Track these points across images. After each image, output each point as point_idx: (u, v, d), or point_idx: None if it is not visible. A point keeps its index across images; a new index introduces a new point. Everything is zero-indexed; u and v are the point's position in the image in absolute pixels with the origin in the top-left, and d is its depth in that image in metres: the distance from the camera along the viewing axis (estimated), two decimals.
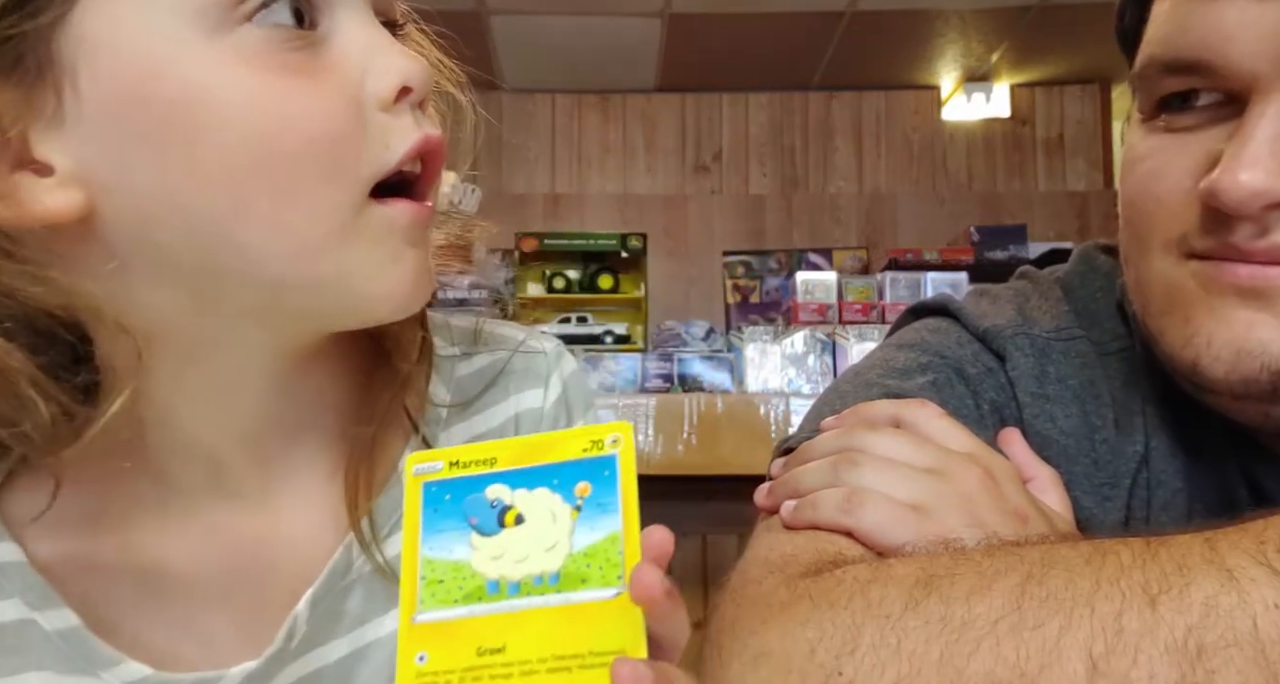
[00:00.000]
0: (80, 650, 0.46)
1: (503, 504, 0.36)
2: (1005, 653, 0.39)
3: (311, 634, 0.49)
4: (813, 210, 4.60)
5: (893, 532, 0.49)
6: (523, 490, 0.36)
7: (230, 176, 0.40)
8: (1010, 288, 0.69)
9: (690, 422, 1.72)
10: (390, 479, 0.52)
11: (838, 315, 2.73)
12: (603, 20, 3.95)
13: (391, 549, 0.51)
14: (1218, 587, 0.38)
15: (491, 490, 0.36)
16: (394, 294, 0.44)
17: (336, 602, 0.50)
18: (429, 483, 0.37)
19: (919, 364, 0.62)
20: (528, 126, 4.67)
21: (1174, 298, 0.52)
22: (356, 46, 0.43)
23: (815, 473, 0.54)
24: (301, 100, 0.41)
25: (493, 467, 0.37)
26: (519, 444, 0.37)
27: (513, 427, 0.56)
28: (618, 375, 2.30)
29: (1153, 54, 0.52)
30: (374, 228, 0.43)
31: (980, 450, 0.54)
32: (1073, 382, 0.61)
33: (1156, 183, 0.52)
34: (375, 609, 0.51)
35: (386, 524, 0.51)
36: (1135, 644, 0.38)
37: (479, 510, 0.36)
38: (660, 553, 0.34)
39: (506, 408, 0.56)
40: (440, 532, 0.36)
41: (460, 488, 0.36)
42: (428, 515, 0.36)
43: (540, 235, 3.76)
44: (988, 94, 4.59)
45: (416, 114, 0.44)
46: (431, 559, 0.36)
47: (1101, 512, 0.58)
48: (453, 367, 0.57)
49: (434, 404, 0.55)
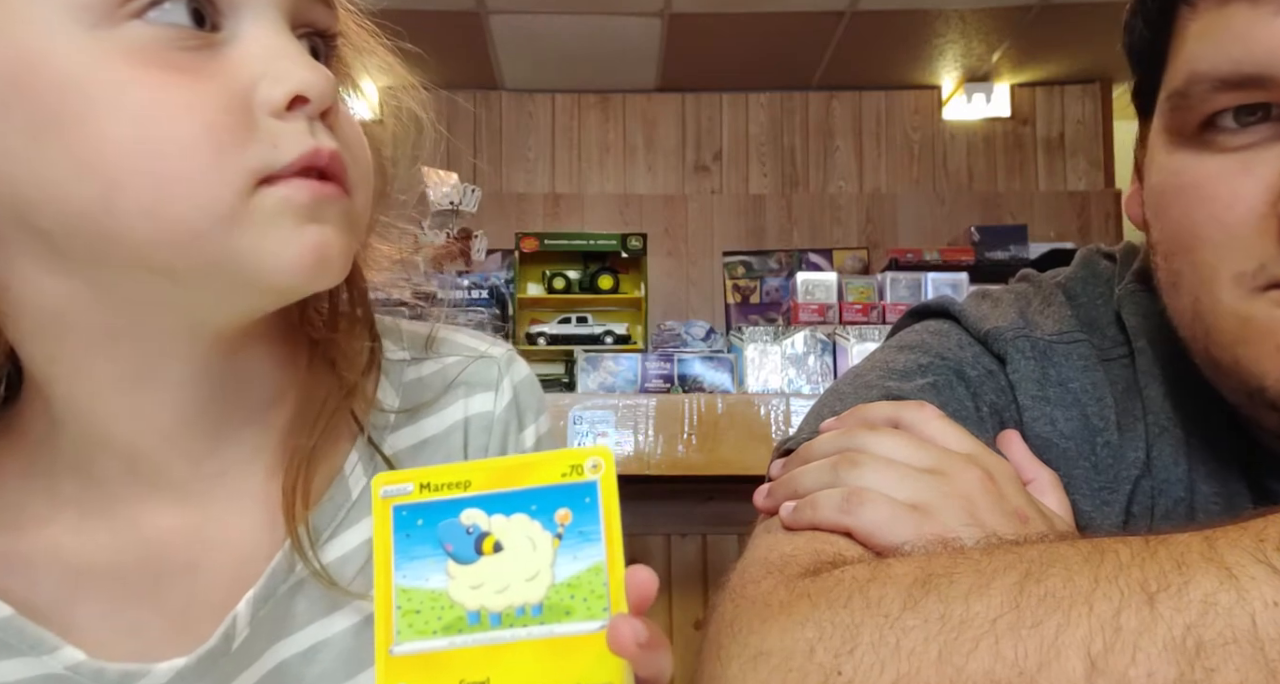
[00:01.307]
0: (17, 637, 0.47)
1: (479, 531, 0.35)
2: (1004, 651, 0.39)
3: (255, 637, 0.49)
4: (813, 210, 4.60)
5: (892, 531, 0.49)
6: (499, 516, 0.35)
7: (107, 168, 0.40)
8: (1012, 291, 0.69)
9: (690, 422, 1.72)
10: (334, 484, 0.52)
11: (838, 315, 2.73)
12: (603, 20, 3.95)
13: (332, 553, 0.51)
14: (1216, 584, 0.38)
15: (467, 515, 0.35)
16: (290, 269, 0.43)
17: (281, 604, 0.50)
18: (399, 506, 0.35)
19: (919, 366, 0.62)
20: (528, 126, 4.67)
21: (1253, 328, 0.49)
22: (256, 52, 0.43)
23: (815, 473, 0.54)
24: (181, 97, 0.41)
25: (466, 490, 0.35)
26: (493, 466, 0.36)
27: (461, 431, 0.56)
28: (618, 375, 2.30)
29: (1198, 71, 0.49)
30: (267, 210, 0.43)
31: (980, 451, 0.54)
32: (1074, 385, 0.61)
33: (1224, 210, 0.49)
34: (320, 611, 0.51)
35: (327, 528, 0.51)
36: (1134, 642, 0.38)
37: (454, 537, 0.35)
38: (642, 597, 0.34)
39: (455, 412, 0.56)
40: (414, 559, 0.35)
41: (432, 512, 0.35)
42: (399, 541, 0.35)
43: (540, 235, 3.76)
44: (988, 94, 4.59)
45: (315, 126, 0.44)
46: (406, 588, 0.34)
47: (1100, 515, 0.58)
48: (401, 371, 0.57)
49: (381, 409, 0.55)
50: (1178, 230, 0.52)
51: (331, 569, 0.50)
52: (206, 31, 0.42)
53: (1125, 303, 0.63)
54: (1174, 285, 0.54)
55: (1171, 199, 0.53)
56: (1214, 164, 0.50)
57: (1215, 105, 0.49)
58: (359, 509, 0.52)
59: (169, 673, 0.47)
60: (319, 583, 0.50)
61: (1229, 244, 0.49)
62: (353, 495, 0.53)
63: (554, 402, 1.79)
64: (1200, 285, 0.51)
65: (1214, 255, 0.50)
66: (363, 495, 0.52)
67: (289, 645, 0.50)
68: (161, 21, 0.41)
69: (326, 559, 0.50)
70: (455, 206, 2.44)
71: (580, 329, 3.57)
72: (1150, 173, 0.56)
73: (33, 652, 0.47)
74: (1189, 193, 0.51)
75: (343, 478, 0.53)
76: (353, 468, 0.53)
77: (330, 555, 0.51)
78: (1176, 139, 0.52)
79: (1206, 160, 0.50)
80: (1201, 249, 0.51)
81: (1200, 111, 0.50)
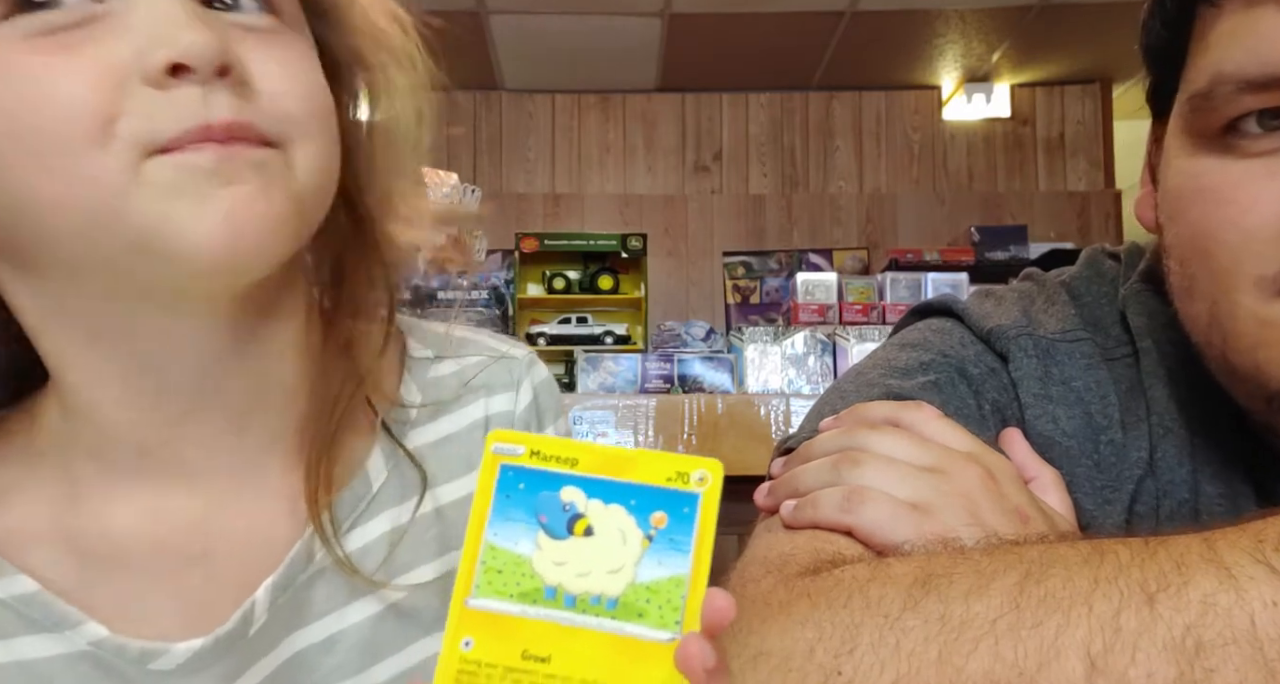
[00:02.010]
0: (42, 612, 0.47)
1: (575, 510, 0.35)
2: (1004, 652, 0.39)
3: (273, 625, 0.49)
4: (813, 210, 4.60)
5: (892, 530, 0.49)
6: (598, 502, 0.35)
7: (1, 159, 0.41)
8: (1015, 289, 0.69)
9: (690, 422, 1.72)
10: (355, 476, 0.52)
11: (838, 316, 2.73)
12: (603, 20, 3.95)
13: (352, 544, 0.51)
14: (1216, 585, 0.38)
15: (567, 492, 0.35)
16: (206, 242, 0.41)
17: (300, 592, 0.50)
18: (506, 465, 0.35)
19: (921, 364, 0.62)
20: (528, 126, 4.67)
21: (1274, 332, 0.49)
22: (139, 19, 0.41)
23: (815, 472, 0.54)
24: (49, 78, 0.40)
25: (573, 468, 0.35)
26: (602, 452, 0.36)
27: (482, 429, 0.56)
28: (618, 376, 2.30)
29: (1224, 72, 0.49)
30: (164, 182, 0.41)
31: (981, 450, 0.54)
32: (1077, 383, 0.61)
33: (1244, 215, 0.49)
34: (339, 601, 0.51)
35: (348, 518, 0.51)
36: (1133, 642, 0.38)
37: (551, 510, 0.35)
38: (717, 621, 0.33)
39: (476, 411, 0.56)
40: (508, 520, 0.35)
41: (536, 480, 0.35)
42: (499, 499, 0.35)
43: (540, 235, 3.76)
44: (988, 94, 4.59)
45: (211, 91, 0.42)
46: (495, 546, 0.35)
47: (1103, 514, 0.58)
48: (425, 369, 0.57)
49: (404, 405, 0.55)
50: (1195, 234, 0.51)
51: (351, 559, 0.50)
52: (93, 1, 0.41)
53: (1130, 303, 0.62)
54: (1189, 290, 0.53)
55: (1190, 203, 0.52)
56: (1236, 169, 0.49)
57: (1240, 108, 0.49)
58: (380, 503, 0.52)
59: (186, 653, 0.47)
60: (341, 571, 0.50)
61: (1249, 248, 0.49)
62: (374, 488, 0.53)
63: None
64: (1218, 290, 0.51)
65: (1233, 260, 0.49)
66: (383, 490, 0.52)
67: (306, 635, 0.50)
68: (48, 6, 0.41)
69: (347, 549, 0.50)
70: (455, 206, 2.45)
71: (580, 329, 3.57)
72: (1167, 176, 0.55)
73: (56, 628, 0.47)
74: (1209, 197, 0.50)
75: (364, 471, 0.53)
76: (375, 462, 0.53)
77: (350, 546, 0.51)
78: (1197, 142, 0.51)
79: (1229, 165, 0.50)
80: (1220, 254, 0.50)
81: (1224, 114, 0.49)
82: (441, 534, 0.53)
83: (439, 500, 0.54)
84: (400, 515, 0.52)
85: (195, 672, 0.48)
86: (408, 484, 0.53)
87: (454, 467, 0.55)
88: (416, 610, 0.52)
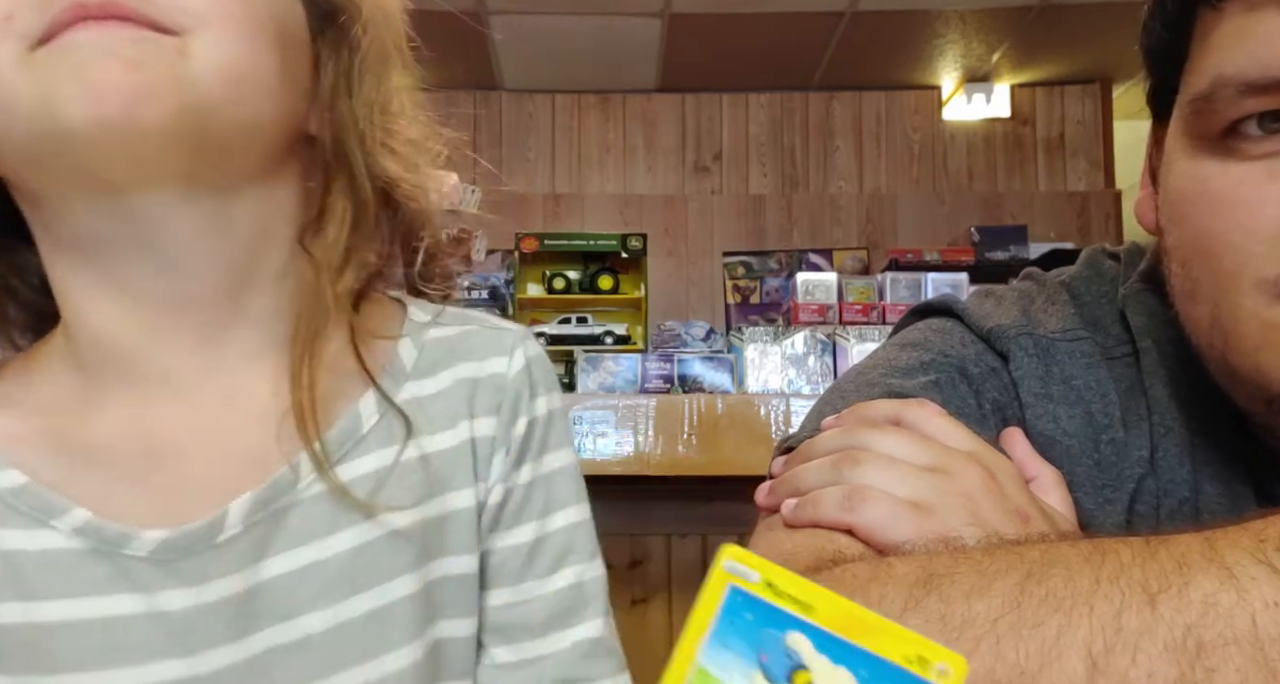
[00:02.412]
0: (32, 503, 0.48)
1: (799, 661, 0.33)
2: (1005, 652, 0.39)
3: (247, 541, 0.50)
4: (813, 210, 4.60)
5: (893, 529, 0.49)
6: (825, 659, 0.33)
7: None
8: (1015, 289, 0.69)
9: (690, 422, 1.72)
10: (346, 414, 0.53)
11: (838, 316, 2.73)
12: (603, 20, 3.95)
13: (340, 476, 0.52)
14: (1217, 585, 0.38)
15: (793, 638, 0.33)
16: (79, 112, 0.43)
17: (280, 516, 0.51)
18: (736, 588, 0.33)
19: (921, 363, 0.62)
20: (528, 126, 4.67)
21: (1277, 334, 0.49)
22: None
23: (816, 471, 0.54)
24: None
25: (807, 614, 0.33)
26: (841, 606, 0.33)
27: (470, 387, 0.57)
28: (618, 376, 2.30)
29: (1225, 75, 0.48)
30: (47, 64, 0.43)
31: (981, 449, 0.54)
32: (1077, 382, 0.61)
33: (1248, 217, 0.49)
34: (319, 531, 0.51)
35: (337, 452, 0.52)
36: (1135, 642, 0.38)
37: (773, 651, 0.33)
38: None
39: (467, 370, 0.58)
40: (726, 647, 0.32)
41: (765, 614, 0.33)
42: (721, 623, 0.33)
43: (540, 235, 3.75)
44: (988, 94, 4.59)
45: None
46: (707, 672, 0.32)
47: (1103, 513, 0.58)
48: (424, 331, 0.59)
49: (401, 363, 0.56)
50: (1198, 237, 0.51)
51: (347, 488, 0.51)
52: None
53: (1130, 303, 0.62)
54: (1191, 293, 0.53)
55: (1192, 206, 0.52)
56: (1238, 171, 0.49)
57: (1241, 110, 0.48)
58: (368, 443, 0.53)
59: (153, 542, 0.48)
60: (333, 496, 0.51)
61: (1252, 251, 0.49)
62: (364, 429, 0.53)
63: None
64: (1220, 292, 0.50)
65: (1235, 262, 0.49)
66: (372, 432, 0.53)
67: (284, 561, 0.50)
68: None
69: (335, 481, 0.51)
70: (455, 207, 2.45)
71: (580, 329, 3.57)
72: (1168, 178, 0.55)
73: (42, 518, 0.48)
74: (1212, 199, 0.50)
75: (356, 412, 0.54)
76: (366, 405, 0.54)
77: (339, 477, 0.52)
78: (1198, 144, 0.51)
79: (1230, 167, 0.50)
80: (1223, 256, 0.50)
81: (1225, 116, 0.49)
82: (425, 480, 0.54)
83: (424, 449, 0.54)
84: (386, 457, 0.53)
85: (165, 564, 0.48)
86: (395, 431, 0.54)
87: (441, 420, 0.56)
88: (396, 548, 0.52)
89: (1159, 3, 0.54)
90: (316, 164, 0.54)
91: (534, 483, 0.57)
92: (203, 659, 0.48)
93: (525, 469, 0.57)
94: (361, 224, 0.54)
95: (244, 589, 0.49)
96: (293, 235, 0.53)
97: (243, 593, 0.49)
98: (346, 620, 0.50)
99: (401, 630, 0.51)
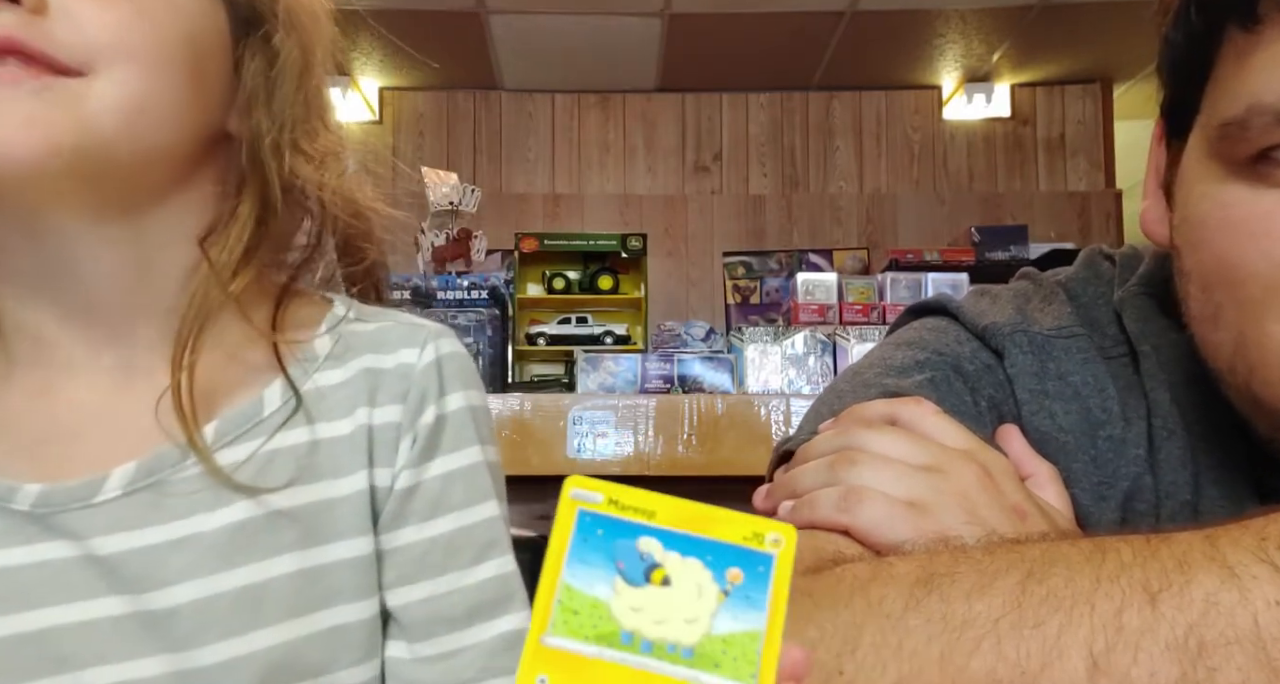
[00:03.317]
0: None
1: (652, 560, 0.36)
2: (1006, 651, 0.39)
3: (126, 508, 0.51)
4: (813, 210, 4.60)
5: (890, 529, 0.49)
6: (675, 554, 0.36)
7: None
8: (1011, 288, 0.69)
9: (690, 422, 1.72)
10: (248, 400, 0.55)
11: (838, 316, 2.73)
12: (603, 20, 3.95)
13: (230, 457, 0.53)
14: (1218, 584, 0.38)
15: (644, 542, 0.36)
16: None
17: (164, 488, 0.52)
18: (584, 511, 0.36)
19: (916, 362, 0.62)
20: (528, 126, 4.67)
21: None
22: None
23: (812, 472, 0.54)
24: None
25: (650, 520, 0.36)
26: (679, 506, 0.37)
27: (374, 377, 0.58)
28: (617, 376, 2.30)
29: (1264, 102, 0.47)
30: None
31: (977, 447, 0.54)
32: (1074, 379, 0.61)
33: (1276, 247, 0.48)
34: (202, 506, 0.52)
35: (231, 433, 0.54)
36: (1136, 642, 0.38)
37: (628, 557, 0.35)
38: (793, 676, 0.34)
39: (377, 361, 0.59)
40: (585, 564, 0.35)
41: (613, 528, 0.36)
42: (576, 543, 0.36)
43: (540, 235, 3.75)
44: (988, 94, 4.59)
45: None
46: (572, 588, 0.35)
47: (1099, 509, 0.58)
48: (340, 326, 0.60)
49: (313, 353, 0.58)
50: (1223, 265, 0.51)
51: (226, 470, 0.53)
52: None
53: (1127, 307, 0.62)
54: (1213, 318, 0.52)
55: (1217, 232, 0.51)
56: (1269, 199, 0.48)
57: (1276, 139, 0.48)
58: (266, 427, 0.55)
59: (32, 495, 0.51)
60: (214, 479, 0.52)
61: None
62: (264, 413, 0.55)
63: (554, 402, 1.79)
64: (1246, 320, 0.50)
65: (1264, 291, 0.49)
66: (272, 417, 0.55)
67: (160, 532, 0.52)
68: None
69: (224, 460, 0.53)
70: (455, 206, 2.45)
71: (580, 329, 3.57)
72: (1189, 201, 0.54)
73: None
74: (1239, 228, 0.50)
75: (258, 398, 0.55)
76: (272, 392, 0.56)
77: (227, 458, 0.53)
78: (1225, 169, 0.51)
79: (1262, 195, 0.49)
80: (1251, 284, 0.49)
81: (1257, 144, 0.48)
82: (313, 464, 0.55)
83: (318, 435, 0.56)
84: (278, 441, 0.55)
85: (43, 519, 0.51)
86: (297, 417, 0.56)
87: (340, 408, 0.57)
88: (277, 527, 0.53)
89: (1181, 14, 0.53)
90: (233, 163, 0.56)
91: (451, 475, 0.58)
92: (80, 608, 0.50)
93: (438, 462, 0.58)
94: (267, 227, 0.55)
95: (120, 551, 0.51)
96: (198, 235, 0.55)
97: (118, 554, 0.51)
98: (216, 593, 0.51)
99: (276, 609, 0.52)
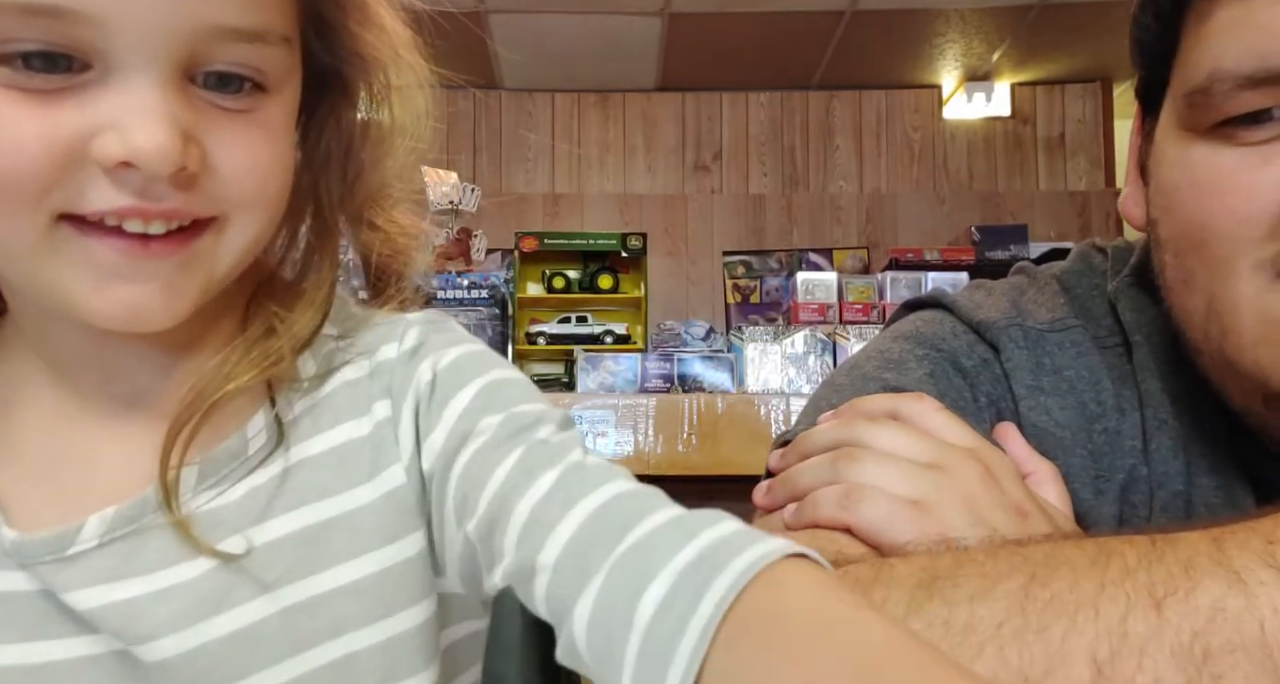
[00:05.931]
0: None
1: None
2: (1009, 657, 0.39)
3: (105, 557, 0.50)
4: (813, 210, 4.59)
5: (892, 528, 0.49)
6: None
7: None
8: (1006, 282, 0.69)
9: (690, 422, 1.72)
10: (233, 436, 0.53)
11: (838, 315, 2.73)
12: (603, 20, 3.95)
13: (214, 501, 0.52)
14: (1225, 589, 0.37)
15: None
16: (105, 317, 0.47)
17: (145, 536, 0.50)
18: None
19: (915, 356, 0.62)
20: (528, 126, 4.66)
21: (1276, 329, 0.48)
22: (111, 102, 0.44)
23: (814, 469, 0.54)
24: (13, 130, 0.43)
25: None
26: None
27: (361, 385, 0.56)
28: (617, 375, 2.29)
29: (1222, 68, 0.48)
30: (70, 252, 0.46)
31: (980, 445, 0.54)
32: (1069, 373, 0.60)
33: (1243, 203, 0.48)
34: (184, 552, 0.51)
35: (214, 475, 0.52)
36: (1140, 648, 0.37)
37: None
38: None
39: (358, 371, 0.57)
40: None
41: None
42: None
43: (540, 235, 3.75)
44: (988, 93, 4.58)
45: (153, 183, 0.45)
46: None
47: (1098, 503, 0.58)
48: (326, 344, 0.58)
49: (298, 379, 0.56)
50: (1191, 226, 0.51)
51: (208, 515, 0.51)
52: (73, 73, 0.44)
53: (1120, 297, 0.62)
54: (1185, 283, 0.53)
55: (1185, 194, 0.51)
56: (1231, 157, 0.49)
57: (1241, 105, 0.48)
58: (251, 463, 0.53)
59: (7, 542, 0.50)
60: (178, 532, 0.50)
61: (1247, 237, 0.48)
62: (248, 452, 0.53)
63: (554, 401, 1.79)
64: (1216, 281, 0.50)
65: (1230, 249, 0.49)
66: (256, 455, 0.53)
67: (141, 584, 0.50)
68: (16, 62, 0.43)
69: (207, 505, 0.51)
70: (455, 206, 2.44)
71: (580, 329, 3.56)
72: (1160, 170, 0.54)
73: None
74: (1205, 186, 0.50)
75: (243, 434, 0.53)
76: (255, 430, 0.54)
77: (212, 503, 0.52)
78: (1188, 133, 0.51)
79: (1223, 153, 0.49)
80: (1218, 243, 0.49)
81: (1222, 110, 0.49)
82: (298, 488, 0.53)
83: (305, 453, 0.54)
84: (262, 477, 0.53)
85: (23, 568, 0.50)
86: (281, 448, 0.54)
87: (323, 421, 0.55)
88: (262, 567, 0.51)
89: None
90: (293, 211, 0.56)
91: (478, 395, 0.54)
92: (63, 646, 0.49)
93: (460, 397, 0.54)
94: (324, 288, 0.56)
95: (98, 606, 0.49)
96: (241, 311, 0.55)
97: (97, 608, 0.49)
98: (205, 642, 0.50)
99: (272, 648, 0.51)
